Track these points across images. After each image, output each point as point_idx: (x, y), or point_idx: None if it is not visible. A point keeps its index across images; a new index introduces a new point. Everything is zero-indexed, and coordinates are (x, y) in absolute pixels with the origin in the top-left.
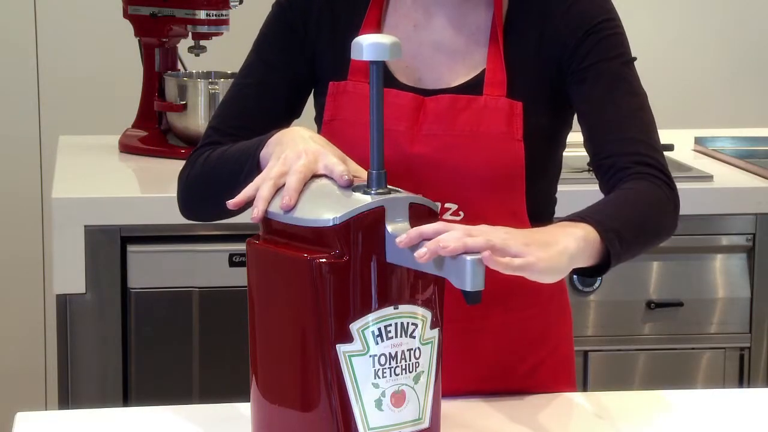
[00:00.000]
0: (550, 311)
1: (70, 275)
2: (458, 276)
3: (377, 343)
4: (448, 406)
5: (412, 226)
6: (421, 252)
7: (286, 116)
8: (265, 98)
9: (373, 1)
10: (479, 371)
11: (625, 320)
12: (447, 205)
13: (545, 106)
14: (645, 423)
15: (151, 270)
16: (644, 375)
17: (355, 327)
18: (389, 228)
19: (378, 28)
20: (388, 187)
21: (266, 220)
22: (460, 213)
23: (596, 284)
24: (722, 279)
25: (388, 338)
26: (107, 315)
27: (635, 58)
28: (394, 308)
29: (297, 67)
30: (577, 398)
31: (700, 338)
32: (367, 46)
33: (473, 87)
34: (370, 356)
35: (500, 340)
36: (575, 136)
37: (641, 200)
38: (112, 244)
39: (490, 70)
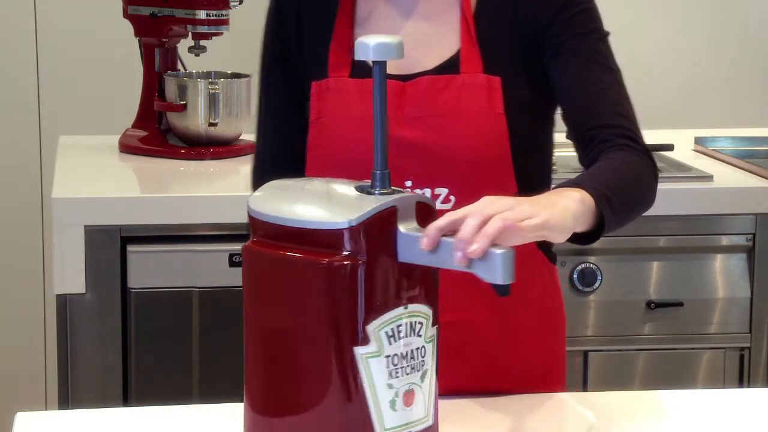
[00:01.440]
0: (540, 310)
1: (70, 275)
2: (489, 270)
3: (390, 344)
4: (443, 405)
5: (418, 224)
6: (457, 258)
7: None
8: (283, 129)
9: None
10: (468, 369)
11: (625, 320)
12: (437, 191)
13: (524, 80)
14: (645, 423)
15: (151, 270)
16: (644, 375)
17: (371, 328)
18: (401, 227)
19: (351, 23)
20: (391, 187)
21: (271, 224)
22: (451, 198)
23: (596, 284)
24: (722, 279)
25: (400, 338)
26: (107, 315)
27: (608, 33)
28: (404, 308)
29: (293, 84)
30: (576, 398)
31: (700, 338)
32: (373, 46)
33: (450, 67)
34: (385, 357)
35: (488, 338)
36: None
37: (626, 170)
38: (112, 244)
39: (464, 49)
